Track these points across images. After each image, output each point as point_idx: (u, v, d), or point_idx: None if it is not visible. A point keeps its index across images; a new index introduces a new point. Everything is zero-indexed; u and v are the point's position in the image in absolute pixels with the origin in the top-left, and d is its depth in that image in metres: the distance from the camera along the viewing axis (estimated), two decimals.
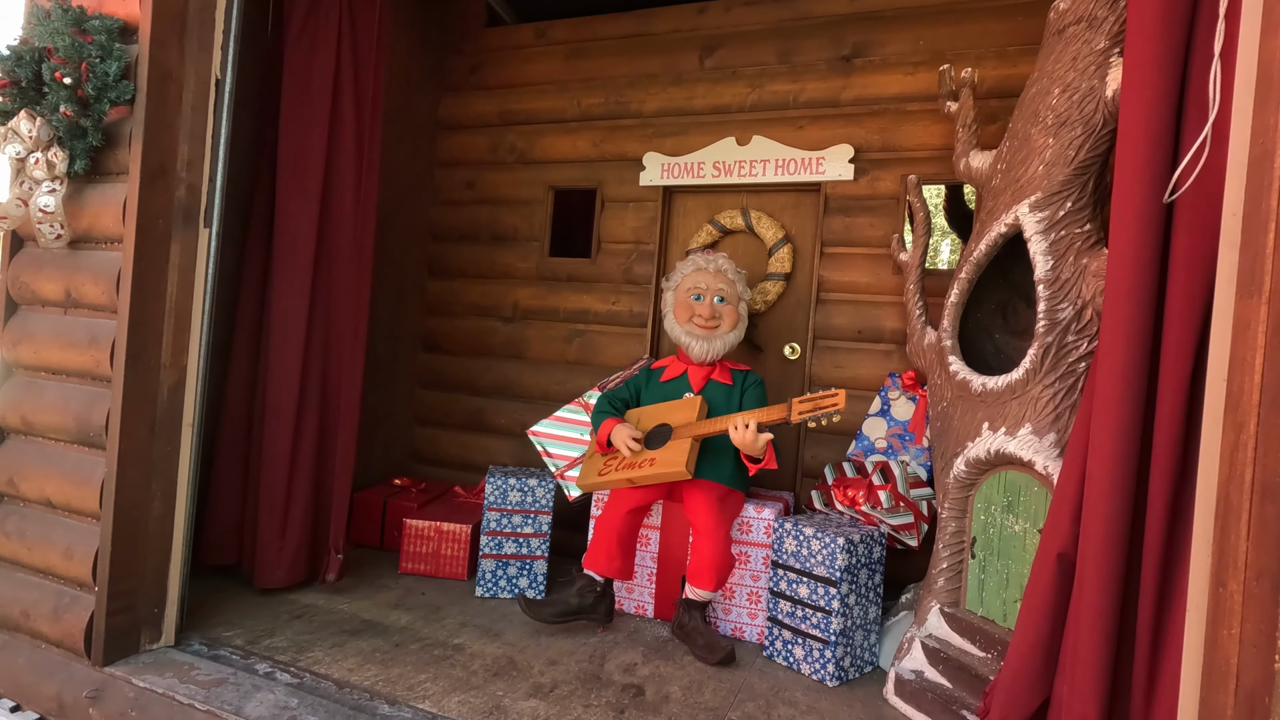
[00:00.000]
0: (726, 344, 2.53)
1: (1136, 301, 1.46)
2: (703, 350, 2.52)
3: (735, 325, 2.56)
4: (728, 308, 2.55)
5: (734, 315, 2.56)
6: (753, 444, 2.20)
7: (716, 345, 2.52)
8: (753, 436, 2.19)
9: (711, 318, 2.53)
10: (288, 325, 2.41)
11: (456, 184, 3.57)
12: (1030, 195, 1.99)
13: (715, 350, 2.52)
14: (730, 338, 2.54)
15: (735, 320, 2.56)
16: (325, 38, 2.44)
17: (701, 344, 2.52)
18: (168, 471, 1.98)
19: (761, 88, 3.01)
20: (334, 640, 2.14)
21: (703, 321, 2.54)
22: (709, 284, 2.57)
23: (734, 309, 2.56)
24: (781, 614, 2.25)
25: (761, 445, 2.21)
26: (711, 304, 2.54)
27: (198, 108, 1.97)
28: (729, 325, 2.55)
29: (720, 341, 2.52)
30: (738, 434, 2.20)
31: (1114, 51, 1.90)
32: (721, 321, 2.54)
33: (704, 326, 2.54)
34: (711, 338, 2.52)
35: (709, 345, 2.52)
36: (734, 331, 2.56)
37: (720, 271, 2.59)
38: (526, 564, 2.63)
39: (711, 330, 2.53)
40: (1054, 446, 1.88)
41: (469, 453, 3.47)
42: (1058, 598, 1.59)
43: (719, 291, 2.56)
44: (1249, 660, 1.00)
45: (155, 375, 1.93)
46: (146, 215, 1.86)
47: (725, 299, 2.56)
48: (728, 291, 2.57)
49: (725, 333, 2.54)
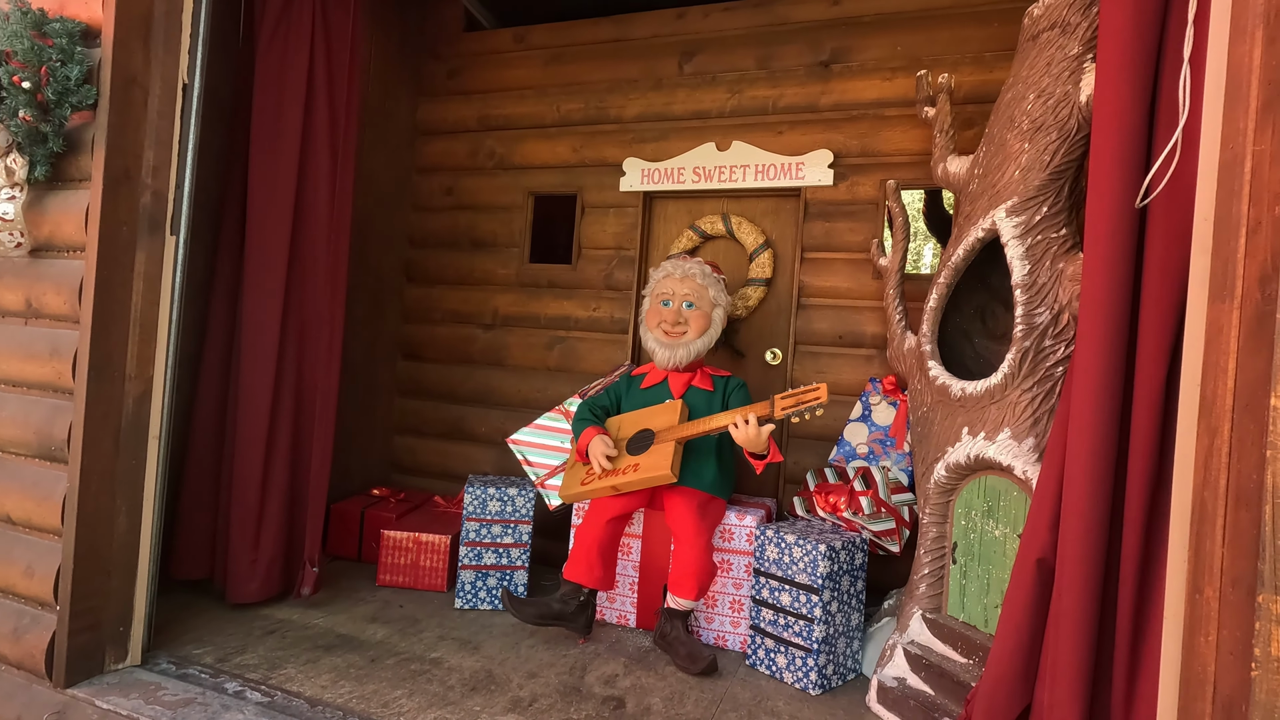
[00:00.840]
0: (692, 351, 2.49)
1: (1112, 306, 1.46)
2: (665, 358, 2.50)
3: (704, 331, 2.52)
4: (695, 313, 2.52)
5: (702, 321, 2.52)
6: (756, 439, 2.16)
7: (679, 353, 2.48)
8: (755, 431, 2.15)
9: (675, 324, 2.50)
10: (260, 334, 2.36)
11: (435, 190, 3.53)
12: (1007, 200, 1.99)
13: (678, 358, 2.49)
14: (697, 345, 2.50)
15: (703, 326, 2.52)
16: (298, 42, 2.40)
17: (664, 351, 2.49)
18: (133, 485, 1.92)
19: (741, 93, 3.01)
20: (307, 656, 2.09)
21: (667, 327, 2.51)
22: (675, 289, 2.54)
23: (703, 314, 2.52)
24: (764, 622, 2.23)
25: (765, 439, 2.17)
26: (678, 310, 2.51)
27: (164, 113, 1.93)
28: (695, 331, 2.51)
29: (684, 349, 2.49)
30: (739, 431, 2.17)
31: (1087, 57, 1.91)
32: (687, 328, 2.51)
33: (669, 333, 2.51)
34: (674, 345, 2.49)
35: (671, 353, 2.49)
36: (702, 338, 2.51)
37: (688, 276, 2.55)
38: (507, 574, 2.59)
39: (676, 337, 2.51)
40: (1033, 451, 1.88)
41: (449, 462, 3.43)
42: (1037, 603, 1.58)
43: (686, 297, 2.53)
44: (1226, 667, 0.99)
45: (120, 387, 1.88)
46: (110, 223, 1.81)
47: (694, 304, 2.52)
48: (696, 296, 2.53)
49: (690, 340, 2.50)
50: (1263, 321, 0.97)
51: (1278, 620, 0.92)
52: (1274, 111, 0.98)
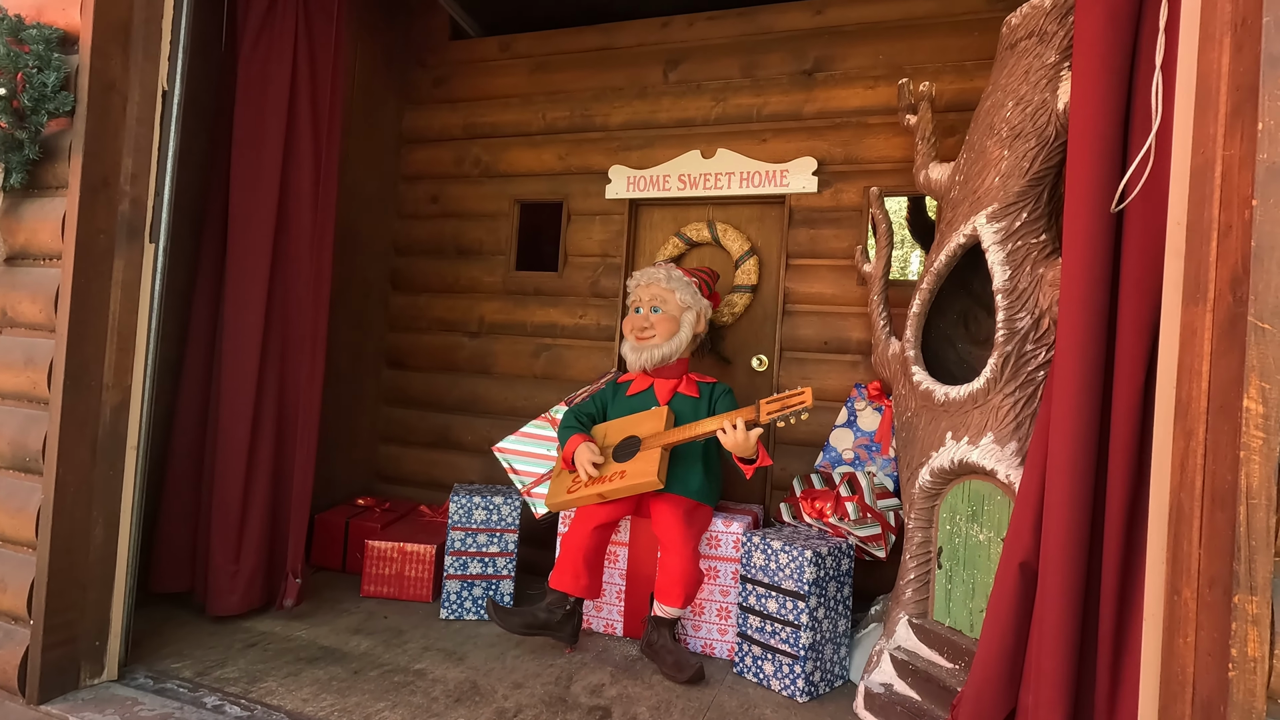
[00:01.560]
0: (657, 355, 2.50)
1: (1090, 310, 1.48)
2: (635, 361, 2.54)
3: (672, 334, 2.52)
4: (660, 316, 2.53)
5: (669, 324, 2.53)
6: (744, 444, 2.16)
7: (645, 356, 2.51)
8: (743, 436, 2.15)
9: (644, 328, 2.53)
10: (241, 341, 2.34)
11: (420, 197, 3.52)
12: (987, 206, 2.01)
13: (644, 360, 2.52)
14: (666, 347, 2.51)
15: (671, 329, 2.53)
16: (280, 49, 2.39)
17: (633, 355, 2.55)
18: (110, 496, 1.89)
19: (725, 101, 3.02)
20: (289, 669, 2.06)
21: (638, 333, 2.54)
22: (641, 296, 2.59)
23: (669, 317, 2.53)
24: (751, 629, 2.22)
25: (753, 444, 2.18)
26: (646, 314, 2.54)
27: (143, 119, 1.91)
28: (663, 334, 2.52)
29: (650, 352, 2.51)
30: (727, 436, 2.17)
31: (1064, 65, 1.93)
32: (654, 331, 2.52)
33: (638, 338, 2.54)
34: (641, 349, 2.53)
35: (638, 356, 2.53)
36: (670, 341, 2.51)
37: (653, 281, 2.58)
38: (493, 584, 2.57)
39: (644, 341, 2.53)
40: (1015, 455, 1.89)
41: (435, 470, 3.40)
42: (1021, 607, 1.59)
43: (653, 301, 2.55)
44: (1204, 668, 1.00)
45: (97, 396, 1.85)
46: (87, 230, 1.79)
47: (659, 308, 2.54)
48: (661, 300, 2.55)
49: (658, 343, 2.51)
50: (1234, 324, 0.98)
51: (1253, 620, 0.92)
52: (1242, 117, 1.00)
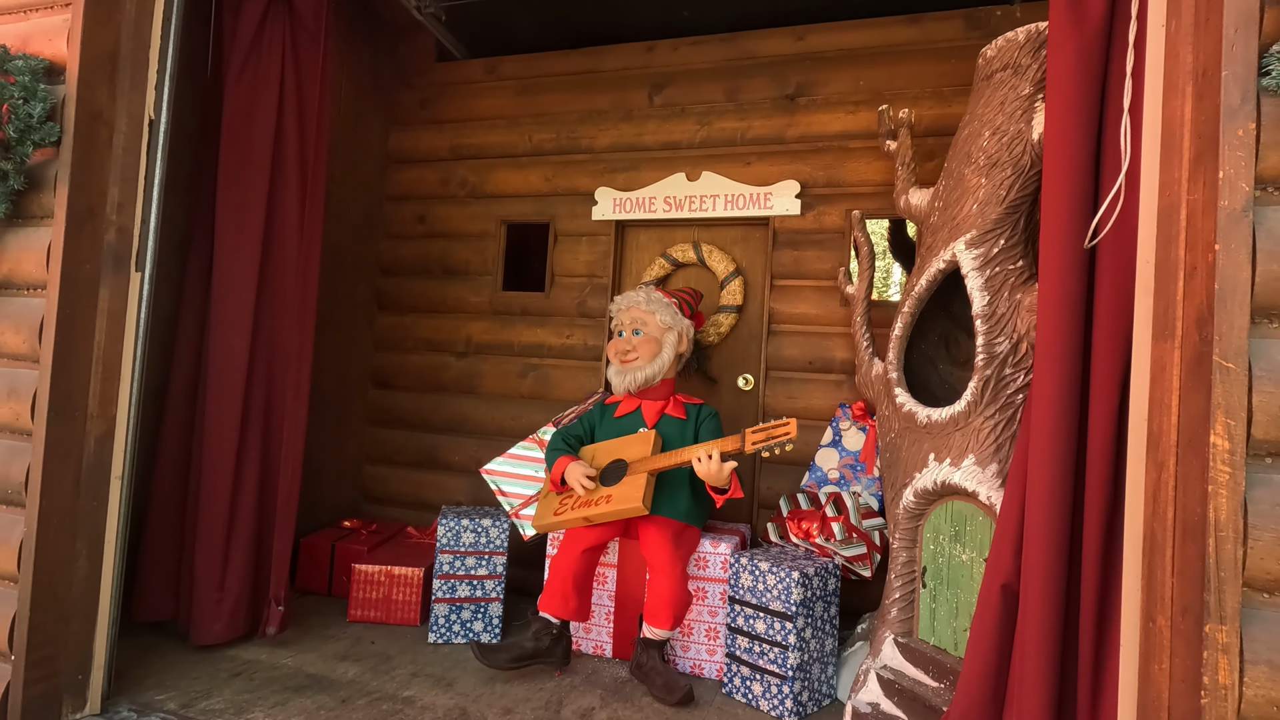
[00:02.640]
0: (644, 375, 2.53)
1: (1066, 340, 1.52)
2: (619, 384, 2.57)
3: (655, 355, 2.55)
4: (642, 339, 2.56)
5: (651, 345, 2.55)
6: (718, 474, 2.19)
7: (629, 379, 2.54)
8: (717, 467, 2.18)
9: (626, 351, 2.56)
10: (227, 367, 2.33)
11: (407, 218, 3.53)
12: (966, 233, 2.06)
13: (628, 383, 2.54)
14: (650, 368, 2.53)
15: (654, 350, 2.55)
16: (267, 76, 2.40)
17: (617, 379, 2.57)
18: (94, 528, 1.87)
19: (710, 125, 3.07)
20: (276, 699, 2.05)
21: (620, 356, 2.57)
22: (623, 319, 2.62)
23: (651, 338, 2.56)
24: (739, 650, 2.24)
25: (726, 475, 2.21)
26: (628, 337, 2.58)
27: (129, 149, 1.91)
28: (645, 356, 2.54)
29: (634, 375, 2.53)
30: (702, 466, 2.20)
31: (1038, 97, 2.00)
32: (637, 354, 2.55)
33: (622, 360, 2.57)
34: (625, 372, 2.55)
35: (622, 379, 2.55)
36: (653, 362, 2.54)
37: (633, 305, 2.61)
38: (481, 607, 2.56)
39: (627, 364, 2.55)
40: (996, 477, 1.93)
41: (422, 491, 3.39)
42: (1003, 628, 1.62)
43: (634, 324, 2.59)
44: (1179, 695, 1.03)
45: (81, 427, 1.83)
46: (72, 260, 1.79)
47: (642, 330, 2.57)
48: (642, 322, 2.58)
49: (641, 365, 2.53)
50: (1200, 362, 1.02)
51: (1223, 649, 0.96)
52: (1204, 164, 1.04)
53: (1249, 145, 0.98)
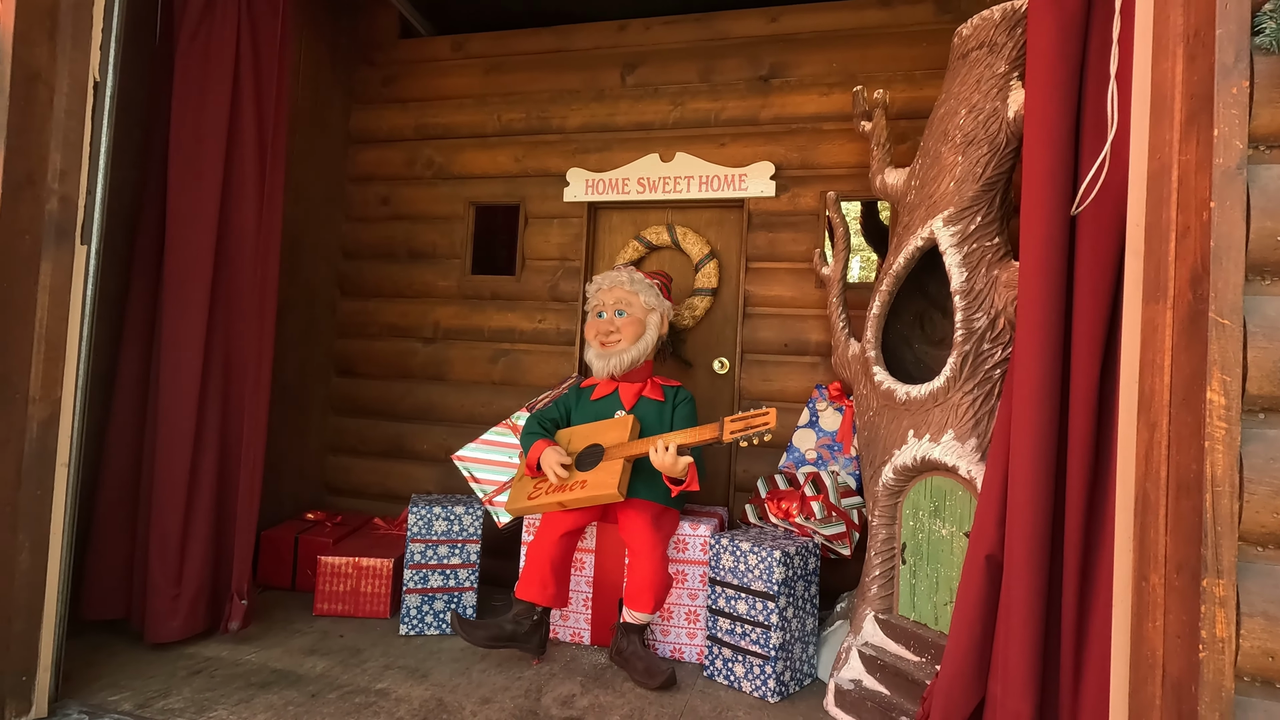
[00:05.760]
0: (626, 359, 2.48)
1: (1047, 310, 1.53)
2: (601, 368, 2.50)
3: (638, 337, 2.51)
4: (626, 320, 2.51)
5: (634, 327, 2.51)
6: (672, 466, 2.16)
7: (613, 362, 2.48)
8: (672, 459, 2.16)
9: (609, 333, 2.50)
10: (182, 350, 2.21)
11: (370, 199, 3.41)
12: (943, 210, 2.07)
13: (611, 366, 2.48)
14: (634, 350, 2.49)
15: (637, 332, 2.51)
16: (221, 42, 2.27)
17: (601, 362, 2.50)
18: (38, 519, 1.75)
19: (683, 105, 3.04)
20: (240, 696, 1.95)
21: (602, 338, 2.51)
22: (605, 300, 2.55)
23: (635, 320, 2.51)
24: (721, 631, 2.22)
25: (682, 467, 2.17)
26: (610, 318, 2.52)
27: (73, 112, 1.78)
28: (629, 338, 2.50)
29: (618, 358, 2.47)
30: (657, 456, 2.17)
31: (1013, 75, 2.02)
32: (620, 335, 2.50)
33: (604, 344, 2.51)
34: (608, 355, 2.49)
35: (606, 363, 2.49)
36: (636, 345, 2.50)
37: (616, 285, 2.55)
38: (455, 596, 2.49)
39: (610, 346, 2.50)
40: (975, 451, 1.95)
41: (389, 481, 3.29)
42: (988, 599, 1.63)
43: (615, 305, 2.53)
44: (1174, 651, 1.04)
45: (22, 411, 1.70)
46: (10, 231, 1.65)
47: (624, 311, 2.52)
48: (625, 303, 2.53)
49: (625, 348, 2.49)
50: (1196, 320, 1.02)
51: (1220, 603, 0.97)
52: (1197, 124, 1.05)
53: (1243, 103, 0.98)
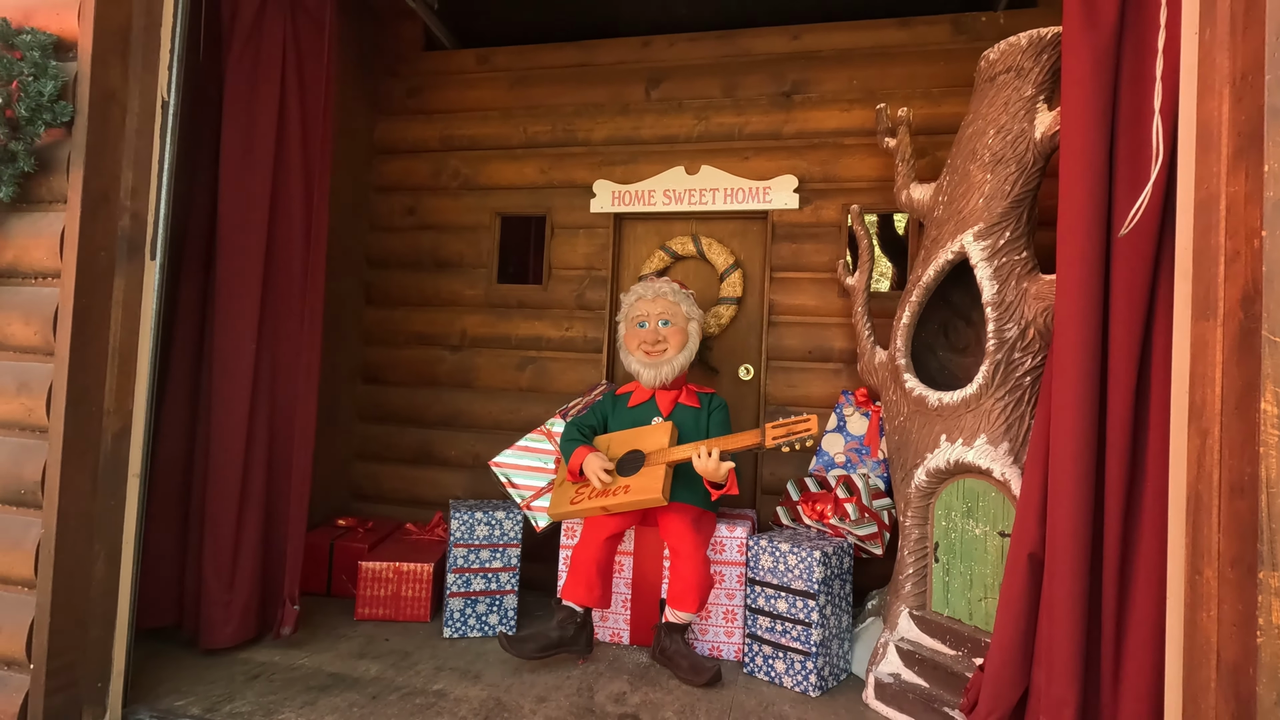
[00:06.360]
0: (675, 366, 2.56)
1: (1086, 322, 1.64)
2: (651, 377, 2.56)
3: (683, 346, 2.59)
4: (671, 329, 2.59)
5: (680, 336, 2.59)
6: (715, 471, 2.25)
7: (664, 370, 2.55)
8: (715, 464, 2.24)
9: (655, 342, 2.57)
10: (234, 360, 2.25)
11: (395, 209, 3.46)
12: (973, 225, 2.18)
13: (663, 375, 2.55)
14: (679, 360, 2.57)
15: (682, 341, 2.59)
16: (269, 57, 2.32)
17: (649, 371, 2.56)
18: (111, 528, 1.79)
19: (707, 120, 3.13)
20: (303, 699, 2.00)
21: (648, 348, 2.58)
22: (649, 310, 2.62)
23: (679, 330, 2.60)
24: (760, 630, 2.31)
25: (725, 472, 2.26)
26: (655, 329, 2.58)
27: (143, 131, 1.82)
28: (675, 347, 2.58)
29: (668, 366, 2.55)
30: (701, 462, 2.25)
31: (1040, 98, 2.13)
32: (667, 344, 2.58)
33: (650, 353, 2.58)
34: (658, 364, 2.56)
35: (656, 371, 2.55)
36: (682, 353, 2.58)
37: (660, 296, 2.63)
38: (496, 599, 2.55)
39: (657, 355, 2.57)
40: (1008, 454, 2.06)
41: (416, 487, 3.34)
42: (1030, 594, 1.74)
43: (661, 315, 2.60)
44: (1229, 638, 1.15)
45: (97, 422, 1.75)
46: (88, 248, 1.70)
47: (669, 321, 2.60)
48: (670, 314, 2.61)
49: (672, 356, 2.56)
50: (1248, 337, 1.13)
51: (1276, 593, 1.07)
52: (1245, 159, 1.16)
53: None
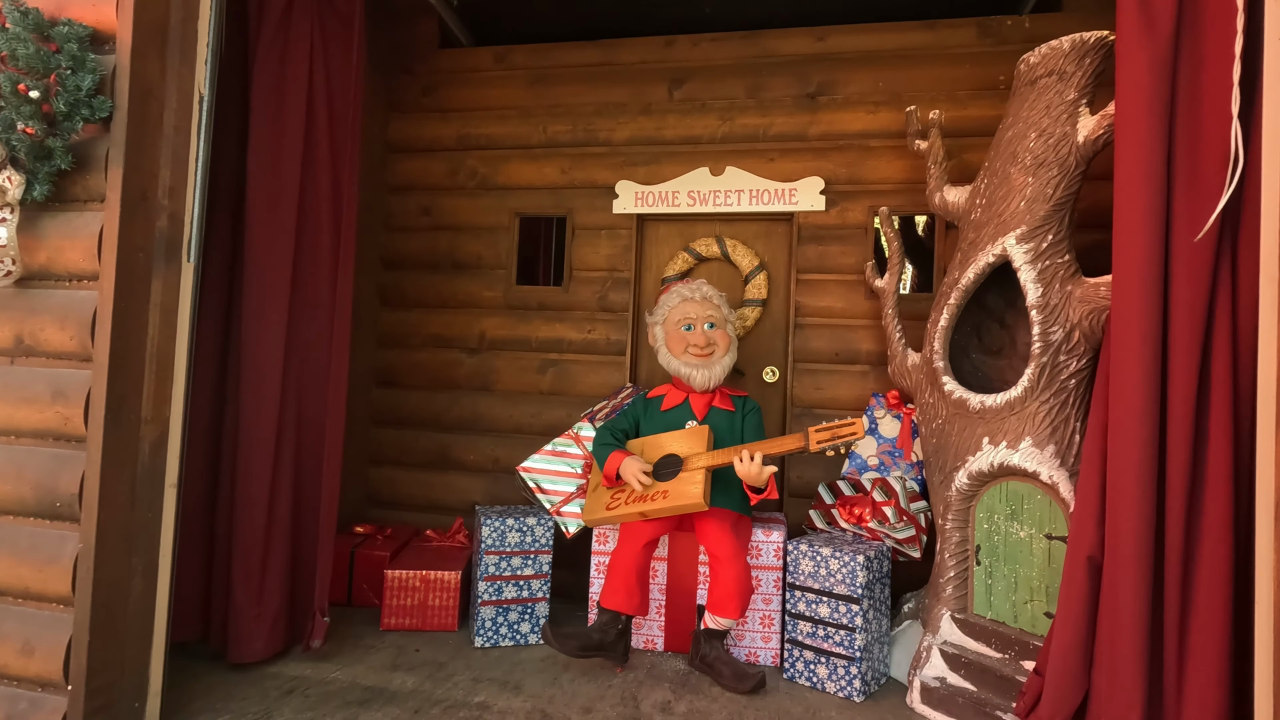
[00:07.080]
0: (725, 367, 2.57)
1: (1146, 326, 1.64)
2: (704, 378, 2.54)
3: (729, 348, 2.60)
4: (719, 332, 2.59)
5: (726, 338, 2.60)
6: (758, 476, 2.23)
7: (717, 371, 2.55)
8: (758, 469, 2.23)
9: (707, 345, 2.56)
10: (263, 365, 2.18)
11: (411, 209, 3.39)
12: (1015, 229, 2.18)
13: (716, 375, 2.54)
14: (727, 360, 2.58)
15: (728, 343, 2.60)
16: (297, 51, 2.26)
17: (702, 372, 2.54)
18: (149, 542, 1.72)
19: (732, 120, 3.11)
20: (343, 714, 1.94)
21: (699, 350, 2.56)
22: (697, 313, 2.60)
23: (725, 332, 2.60)
24: (801, 635, 2.29)
25: (766, 477, 2.25)
26: (703, 331, 2.57)
27: (180, 128, 1.76)
28: (724, 349, 2.58)
29: (720, 366, 2.55)
30: (743, 466, 2.24)
31: (1082, 102, 2.14)
32: (716, 347, 2.58)
33: (701, 354, 2.56)
34: (710, 364, 2.55)
35: (709, 372, 2.54)
36: (729, 354, 2.59)
37: (706, 299, 2.62)
38: (528, 607, 2.51)
39: (708, 357, 2.56)
40: (1054, 457, 2.06)
41: (434, 493, 3.27)
42: (1090, 598, 1.73)
43: (709, 318, 2.59)
44: None
45: (135, 431, 1.68)
46: (127, 249, 1.63)
47: (715, 324, 2.60)
48: (716, 316, 2.61)
49: (721, 357, 2.57)
50: None
51: None
52: None
53: None
